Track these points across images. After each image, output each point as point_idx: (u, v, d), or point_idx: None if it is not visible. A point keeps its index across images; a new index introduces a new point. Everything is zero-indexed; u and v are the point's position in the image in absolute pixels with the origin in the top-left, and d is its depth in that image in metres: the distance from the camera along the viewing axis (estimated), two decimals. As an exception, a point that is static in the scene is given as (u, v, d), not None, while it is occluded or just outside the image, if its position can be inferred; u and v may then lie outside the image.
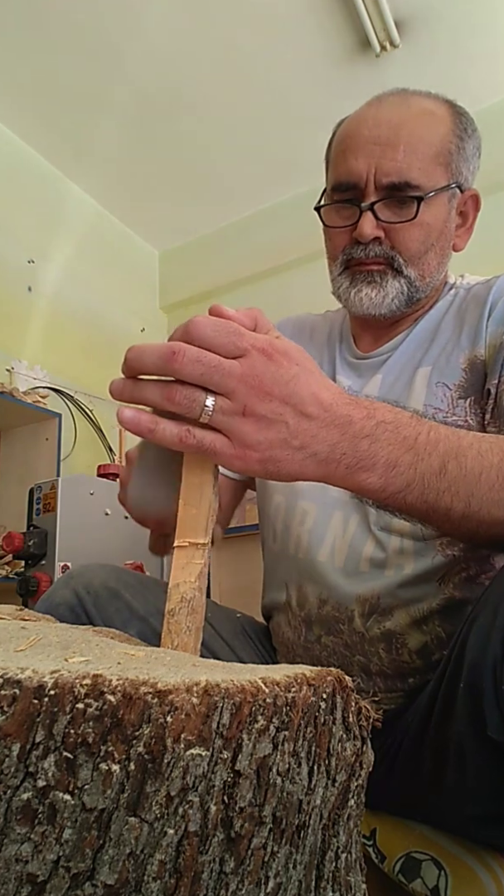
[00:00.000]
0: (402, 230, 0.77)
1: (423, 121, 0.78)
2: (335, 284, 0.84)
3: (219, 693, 0.30)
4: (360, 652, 0.74)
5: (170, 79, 2.26)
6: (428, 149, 0.77)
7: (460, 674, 0.56)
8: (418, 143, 0.77)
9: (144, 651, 0.39)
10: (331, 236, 0.83)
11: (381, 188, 0.76)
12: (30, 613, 0.55)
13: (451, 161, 0.80)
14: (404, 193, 0.76)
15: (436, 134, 0.79)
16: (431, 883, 0.61)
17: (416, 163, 0.76)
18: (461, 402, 0.76)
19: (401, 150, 0.76)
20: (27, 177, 2.55)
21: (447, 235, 0.83)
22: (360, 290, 0.80)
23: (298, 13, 2.01)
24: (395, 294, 0.79)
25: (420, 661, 0.72)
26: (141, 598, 0.80)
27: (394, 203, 0.77)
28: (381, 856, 0.67)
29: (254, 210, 2.90)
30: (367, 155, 0.77)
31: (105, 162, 2.64)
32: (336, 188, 0.81)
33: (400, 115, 0.78)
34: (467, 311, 0.82)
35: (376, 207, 0.76)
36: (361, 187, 0.77)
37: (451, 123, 0.81)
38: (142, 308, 3.07)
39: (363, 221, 0.77)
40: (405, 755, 0.67)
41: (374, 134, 0.77)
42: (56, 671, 0.28)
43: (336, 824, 0.37)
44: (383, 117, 0.78)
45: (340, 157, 0.81)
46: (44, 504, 1.82)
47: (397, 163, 0.75)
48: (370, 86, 2.24)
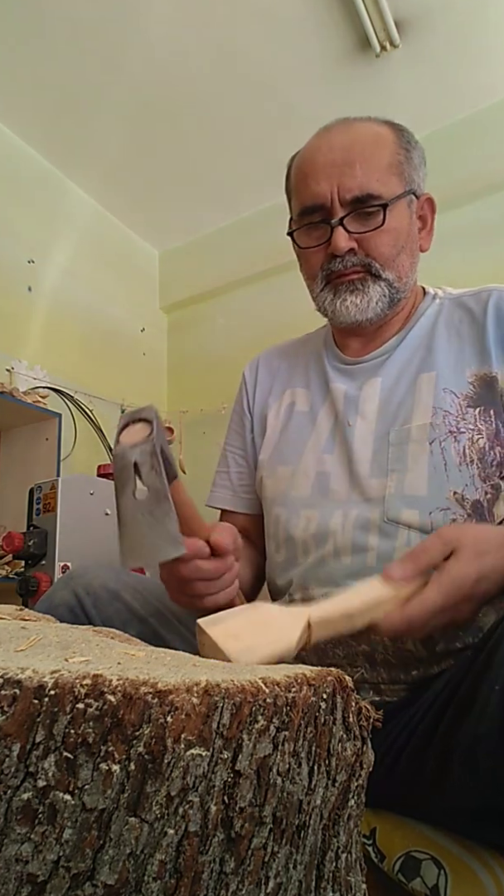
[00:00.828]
0: (372, 238, 0.83)
1: (371, 139, 0.84)
2: (319, 301, 0.88)
3: (219, 693, 0.30)
4: (366, 641, 0.75)
5: (170, 79, 2.26)
6: (380, 161, 0.83)
7: (488, 676, 0.58)
8: (371, 158, 0.83)
9: (144, 651, 0.39)
10: (307, 257, 0.88)
11: (346, 204, 0.82)
12: (30, 613, 0.55)
13: (402, 170, 0.85)
14: (368, 205, 0.82)
15: (384, 148, 0.84)
16: (431, 882, 0.61)
17: (373, 175, 0.82)
18: (470, 409, 0.80)
19: (357, 166, 0.82)
20: (27, 177, 2.54)
21: (413, 237, 0.88)
22: (344, 300, 0.85)
23: (298, 13, 2.01)
24: (378, 297, 0.84)
25: (424, 650, 0.73)
26: (140, 599, 0.80)
27: (360, 215, 0.82)
28: (381, 855, 0.67)
29: (254, 210, 2.89)
30: (328, 177, 0.82)
31: (105, 162, 2.64)
32: (303, 213, 0.86)
33: (349, 138, 0.84)
34: (463, 324, 0.86)
35: (345, 221, 0.82)
36: (328, 207, 0.83)
37: (395, 138, 0.86)
38: (142, 308, 3.07)
39: (336, 236, 0.82)
40: (409, 753, 0.67)
41: (330, 158, 0.83)
42: (56, 671, 0.28)
43: (336, 824, 0.37)
44: (335, 142, 0.84)
45: (302, 184, 0.86)
46: (44, 504, 1.82)
47: (357, 178, 0.81)
48: (370, 86, 2.25)
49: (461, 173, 2.25)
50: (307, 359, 0.99)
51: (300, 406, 0.95)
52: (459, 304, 0.88)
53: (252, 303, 2.86)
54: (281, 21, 2.04)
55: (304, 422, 0.92)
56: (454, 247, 2.18)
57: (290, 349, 1.05)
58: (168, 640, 0.78)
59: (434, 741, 0.64)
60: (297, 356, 1.02)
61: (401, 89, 2.28)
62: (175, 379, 3.12)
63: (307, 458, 0.88)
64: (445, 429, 0.78)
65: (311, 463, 0.88)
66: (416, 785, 0.66)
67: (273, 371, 1.03)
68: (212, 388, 2.81)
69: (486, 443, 0.77)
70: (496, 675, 0.57)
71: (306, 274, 0.90)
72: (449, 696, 0.65)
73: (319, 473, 0.86)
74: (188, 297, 3.10)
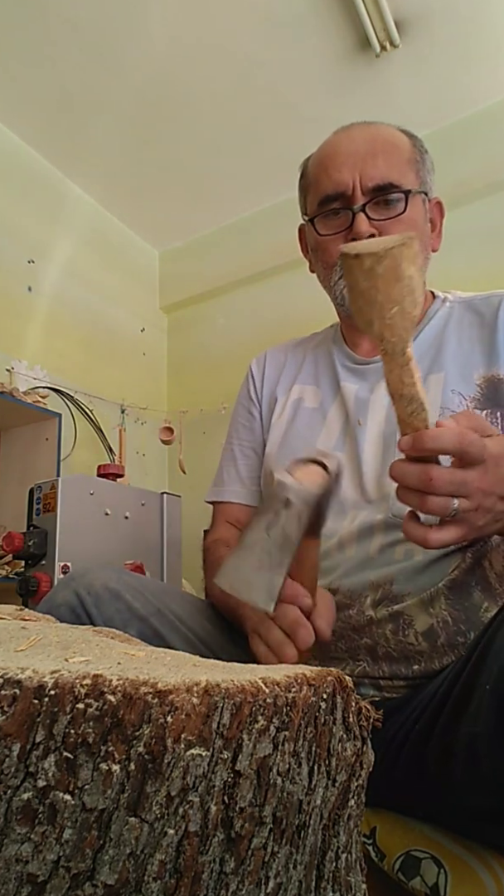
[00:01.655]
0: (393, 226, 0.83)
1: (391, 136, 0.87)
2: (336, 290, 0.89)
3: (219, 693, 0.30)
4: (368, 634, 0.76)
5: (170, 79, 2.26)
6: (401, 155, 0.86)
7: (482, 675, 0.58)
8: (392, 151, 0.85)
9: (145, 651, 0.39)
10: (325, 246, 0.89)
11: (368, 192, 0.83)
12: (30, 613, 0.55)
13: (418, 169, 0.88)
14: (389, 193, 0.83)
15: (403, 144, 0.87)
16: (431, 881, 0.61)
17: (394, 166, 0.84)
18: (477, 411, 0.80)
19: (379, 157, 0.84)
20: (27, 177, 2.54)
21: (427, 235, 0.90)
22: None
23: (298, 13, 2.01)
24: None
25: (426, 643, 0.73)
26: (141, 598, 0.80)
27: (381, 204, 0.84)
28: (381, 854, 0.67)
29: (254, 210, 2.89)
30: (350, 166, 0.84)
31: (105, 162, 2.64)
32: (323, 202, 0.87)
33: (370, 132, 0.87)
34: (473, 327, 0.87)
35: (367, 208, 0.83)
36: (349, 195, 0.84)
37: (410, 141, 0.89)
38: (142, 308, 3.07)
39: (358, 221, 0.83)
40: (408, 753, 0.67)
41: (352, 148, 0.85)
42: (56, 671, 0.28)
43: (336, 824, 0.37)
44: (357, 136, 0.87)
45: (323, 174, 0.87)
46: (44, 504, 1.82)
47: (379, 168, 0.83)
48: (370, 86, 2.25)
49: (461, 173, 2.25)
50: (315, 356, 0.99)
51: (308, 402, 0.95)
52: (469, 307, 0.89)
53: (252, 303, 2.86)
54: (281, 21, 2.04)
55: (314, 418, 0.93)
56: (454, 247, 2.17)
57: (297, 346, 1.05)
58: (169, 640, 0.78)
59: (433, 740, 0.64)
60: (305, 353, 1.02)
61: (401, 89, 2.28)
62: (175, 379, 3.12)
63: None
64: None
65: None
66: (415, 784, 0.66)
67: (280, 366, 1.04)
68: (212, 388, 2.81)
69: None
70: (489, 673, 0.57)
71: (324, 263, 0.90)
72: (445, 694, 0.65)
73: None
74: (188, 297, 3.09)
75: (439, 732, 0.64)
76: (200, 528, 2.33)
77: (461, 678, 0.63)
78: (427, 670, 0.74)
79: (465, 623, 0.74)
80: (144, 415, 2.87)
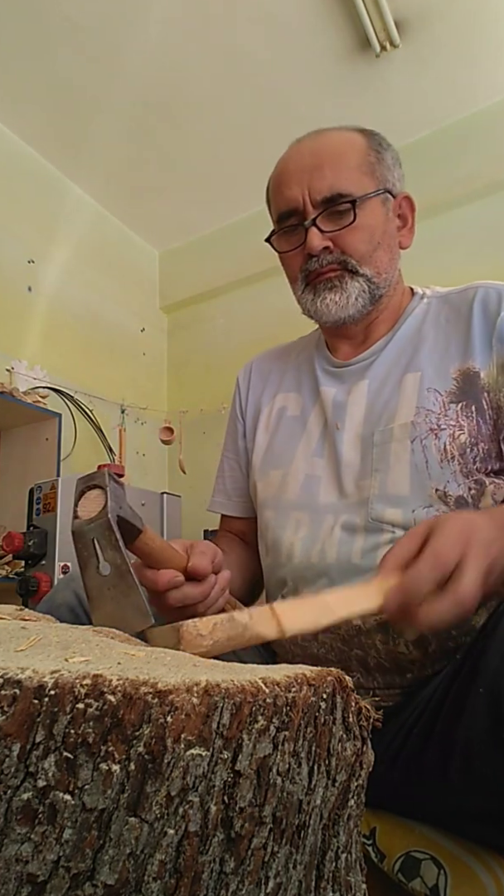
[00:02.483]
0: (346, 235, 0.84)
1: (339, 143, 0.87)
2: (302, 302, 0.90)
3: (219, 693, 0.30)
4: (358, 645, 0.75)
5: (170, 79, 2.26)
6: (349, 162, 0.85)
7: (475, 679, 0.58)
8: (339, 160, 0.85)
9: (144, 651, 0.39)
10: (286, 262, 0.91)
11: (317, 205, 0.84)
12: (30, 613, 0.55)
13: (374, 170, 0.87)
14: (338, 204, 0.83)
15: (352, 150, 0.87)
16: (431, 882, 0.61)
17: (342, 175, 0.84)
18: (452, 405, 0.80)
19: (325, 168, 0.84)
20: (27, 177, 2.55)
21: (390, 234, 0.89)
22: (324, 298, 0.86)
23: (298, 13, 2.01)
24: (357, 293, 0.85)
25: (417, 652, 0.73)
26: (140, 599, 0.80)
27: (332, 215, 0.84)
28: (381, 855, 0.67)
29: (254, 210, 2.89)
30: (298, 182, 0.85)
31: (105, 162, 2.64)
32: (279, 219, 0.89)
33: (318, 144, 0.87)
34: (449, 322, 0.86)
35: (318, 221, 0.84)
36: (301, 210, 0.85)
37: (364, 141, 0.88)
38: (142, 308, 3.07)
39: (310, 236, 0.84)
40: (406, 756, 0.67)
41: (300, 164, 0.86)
42: (56, 671, 0.28)
43: (336, 824, 0.37)
44: (304, 149, 0.87)
45: (277, 192, 0.89)
46: (44, 504, 1.82)
47: (326, 179, 0.84)
48: (370, 86, 2.25)
49: (461, 173, 2.25)
50: (299, 363, 1.00)
51: (291, 410, 0.95)
52: (446, 301, 0.89)
53: (252, 303, 2.86)
54: (281, 21, 2.04)
55: (295, 426, 0.93)
56: (454, 247, 2.18)
57: (283, 353, 1.06)
58: (167, 641, 0.79)
59: (430, 744, 0.64)
60: (289, 360, 1.02)
61: (401, 89, 2.29)
62: (175, 379, 3.12)
63: (298, 462, 0.89)
64: (426, 426, 0.78)
65: (301, 466, 0.88)
66: (414, 787, 0.66)
67: (265, 375, 1.04)
68: (212, 388, 2.81)
69: (467, 438, 0.77)
70: (482, 678, 0.57)
71: (289, 278, 0.92)
72: (441, 698, 0.65)
73: (309, 477, 0.87)
74: (188, 297, 3.10)
75: (436, 736, 0.64)
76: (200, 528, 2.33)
77: (456, 682, 0.63)
78: (420, 678, 0.73)
79: (456, 629, 0.73)
80: (144, 415, 2.87)
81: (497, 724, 0.55)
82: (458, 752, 0.59)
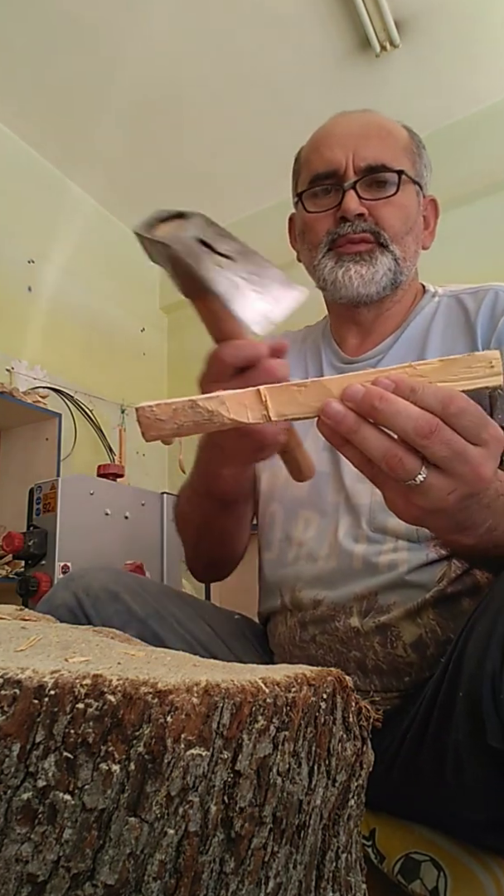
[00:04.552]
0: (383, 207, 0.81)
1: (388, 123, 0.86)
2: (318, 270, 0.84)
3: (219, 693, 0.30)
4: (356, 647, 0.74)
5: (170, 79, 2.26)
6: (397, 141, 0.84)
7: (459, 683, 0.56)
8: (388, 136, 0.83)
9: (144, 651, 0.39)
10: (311, 224, 0.85)
11: (360, 171, 0.81)
12: (30, 613, 0.55)
13: (414, 161, 0.86)
14: (382, 173, 0.81)
15: (400, 134, 0.86)
16: (431, 884, 0.61)
17: (388, 149, 0.82)
18: None
19: (373, 139, 0.82)
20: (27, 177, 2.54)
21: (419, 227, 0.88)
22: (348, 269, 0.82)
23: (298, 13, 2.01)
24: (385, 271, 0.82)
25: (415, 654, 0.72)
26: (140, 600, 0.80)
27: (372, 185, 0.82)
28: (381, 856, 0.67)
29: (254, 210, 2.89)
30: (343, 145, 0.82)
31: (105, 162, 2.64)
32: (314, 179, 0.84)
33: (368, 117, 0.86)
34: (458, 323, 0.84)
35: (357, 186, 0.81)
36: (340, 173, 0.82)
37: (408, 134, 0.87)
38: (142, 308, 3.07)
39: (348, 198, 0.80)
40: (403, 760, 0.67)
41: (347, 130, 0.84)
42: (56, 671, 0.28)
43: (336, 824, 0.37)
44: (353, 118, 0.86)
45: (315, 153, 0.85)
46: (44, 504, 1.82)
47: (373, 149, 0.81)
48: (370, 86, 2.25)
49: (461, 173, 2.25)
50: (305, 353, 0.97)
51: None
52: (457, 301, 0.87)
53: (252, 303, 2.85)
54: (281, 21, 2.04)
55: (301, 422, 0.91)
56: (454, 247, 2.17)
57: (290, 342, 0.99)
58: (167, 642, 0.78)
59: (425, 749, 0.64)
60: (296, 350, 0.99)
61: (401, 89, 2.28)
62: (175, 379, 3.11)
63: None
64: None
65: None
66: (412, 791, 0.66)
67: None
68: (212, 389, 2.80)
69: None
70: (462, 681, 0.55)
71: (309, 243, 0.87)
72: (431, 702, 0.64)
73: (317, 473, 0.85)
74: (188, 297, 3.09)
75: (430, 740, 0.63)
76: (200, 528, 2.32)
77: (442, 686, 0.62)
78: (418, 681, 0.72)
79: (455, 632, 0.71)
80: (144, 415, 2.87)
81: (477, 729, 0.53)
82: (449, 756, 0.59)
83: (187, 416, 0.45)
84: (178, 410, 0.45)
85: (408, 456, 0.44)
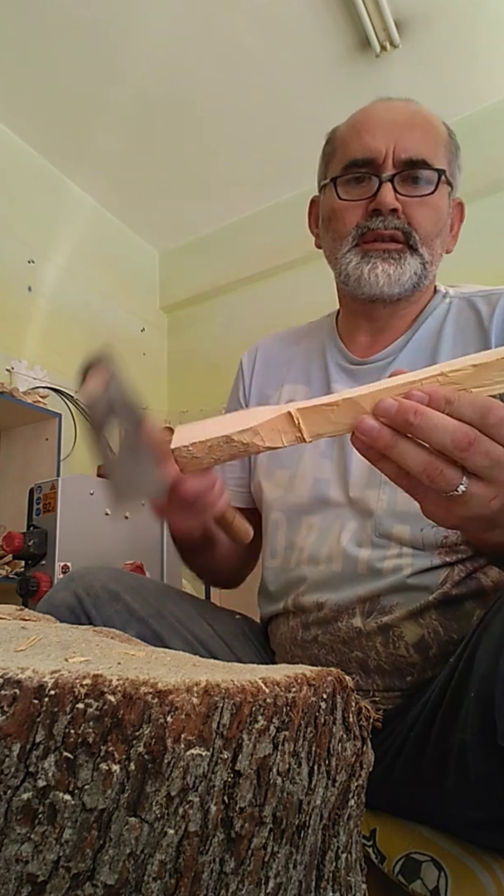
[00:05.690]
0: (417, 207, 0.78)
1: (433, 118, 0.82)
2: (342, 264, 0.81)
3: (219, 693, 0.30)
4: (358, 647, 0.74)
5: (170, 79, 2.26)
6: (439, 137, 0.81)
7: (467, 683, 0.56)
8: (431, 130, 0.80)
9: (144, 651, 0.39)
10: (341, 213, 0.82)
11: (400, 163, 0.78)
12: (30, 613, 0.55)
13: (451, 160, 0.83)
14: (421, 170, 0.78)
15: (441, 129, 0.83)
16: (431, 884, 0.61)
17: (430, 145, 0.79)
18: None
19: (418, 131, 0.79)
20: (27, 177, 2.54)
21: (447, 230, 0.85)
22: (375, 266, 0.79)
23: (298, 13, 2.01)
24: (411, 274, 0.80)
25: (417, 655, 0.72)
26: (140, 600, 0.80)
27: (410, 180, 0.79)
28: (381, 856, 0.67)
29: (254, 210, 2.89)
30: (386, 133, 0.78)
31: (105, 162, 2.64)
32: (350, 165, 0.80)
33: (412, 107, 0.82)
34: (469, 327, 0.81)
35: (395, 181, 0.77)
36: (379, 163, 0.78)
37: (447, 132, 0.85)
38: (142, 308, 3.07)
39: (384, 191, 0.77)
40: (405, 760, 0.67)
41: (391, 116, 0.80)
42: (56, 671, 0.28)
43: (336, 824, 0.37)
44: (398, 107, 0.81)
45: (354, 138, 0.81)
46: (44, 504, 1.82)
47: (417, 142, 0.78)
48: (370, 86, 2.25)
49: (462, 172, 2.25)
50: (309, 351, 0.94)
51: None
52: (469, 304, 0.84)
53: (252, 303, 2.85)
54: (281, 21, 2.04)
55: None
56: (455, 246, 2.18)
57: (292, 338, 0.99)
58: (168, 642, 0.78)
59: (427, 749, 0.63)
60: (299, 347, 0.96)
61: (401, 89, 2.27)
62: (175, 379, 3.11)
63: (306, 463, 0.85)
64: None
65: (309, 468, 0.84)
66: (413, 792, 0.66)
67: (271, 361, 0.98)
68: (212, 388, 2.80)
69: None
70: (473, 682, 0.55)
71: (335, 232, 0.83)
72: (437, 702, 0.64)
73: (317, 480, 0.83)
74: (188, 297, 3.09)
75: (434, 741, 0.63)
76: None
77: (450, 686, 0.61)
78: (420, 681, 0.72)
79: (458, 632, 0.71)
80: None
81: (487, 730, 0.53)
82: (453, 757, 0.58)
83: (223, 451, 0.46)
84: (213, 447, 0.46)
85: (448, 468, 0.44)
